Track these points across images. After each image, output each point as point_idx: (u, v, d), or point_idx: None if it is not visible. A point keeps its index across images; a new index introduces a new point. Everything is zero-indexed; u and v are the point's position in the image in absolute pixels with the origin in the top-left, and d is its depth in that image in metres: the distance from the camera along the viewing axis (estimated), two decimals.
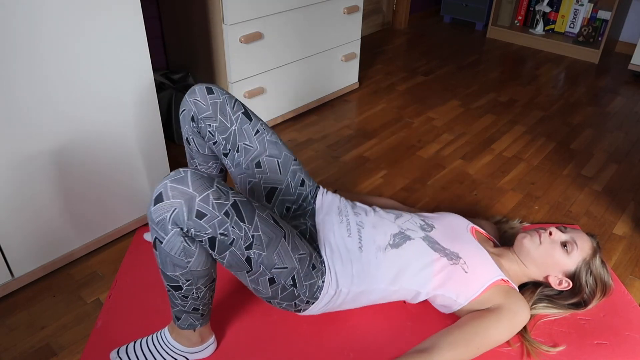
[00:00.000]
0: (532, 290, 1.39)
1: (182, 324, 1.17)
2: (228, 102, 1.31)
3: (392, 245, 1.28)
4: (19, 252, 1.40)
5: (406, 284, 1.27)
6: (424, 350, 1.17)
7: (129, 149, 1.53)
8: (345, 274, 1.23)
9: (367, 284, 1.25)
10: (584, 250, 1.32)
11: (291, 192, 1.37)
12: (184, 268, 1.04)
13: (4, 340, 1.30)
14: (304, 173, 1.40)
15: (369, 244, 1.28)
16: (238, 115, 1.31)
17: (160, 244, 1.01)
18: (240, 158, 1.33)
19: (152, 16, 2.20)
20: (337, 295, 1.23)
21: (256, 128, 1.33)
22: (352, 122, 2.41)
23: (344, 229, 1.30)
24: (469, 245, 1.33)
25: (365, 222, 1.33)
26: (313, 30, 2.27)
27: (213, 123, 1.30)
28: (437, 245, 1.31)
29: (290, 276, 1.14)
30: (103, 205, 1.54)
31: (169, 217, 0.97)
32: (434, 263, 1.27)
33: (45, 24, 1.22)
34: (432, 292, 1.28)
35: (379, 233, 1.30)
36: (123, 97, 1.45)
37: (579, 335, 1.34)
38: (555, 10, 3.45)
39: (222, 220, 1.00)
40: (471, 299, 1.26)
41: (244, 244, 1.04)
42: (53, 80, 1.29)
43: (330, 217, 1.34)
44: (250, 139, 1.32)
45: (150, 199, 1.00)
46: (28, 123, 1.28)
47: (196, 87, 1.30)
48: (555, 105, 2.65)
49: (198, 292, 1.10)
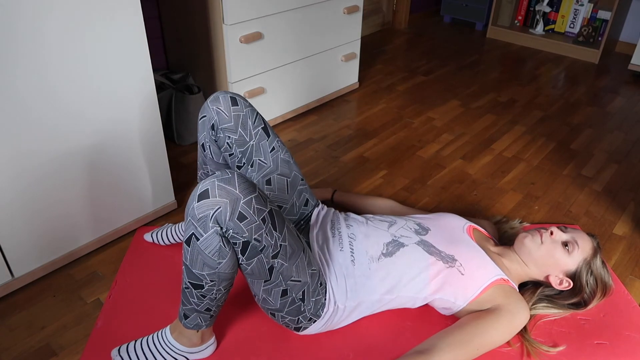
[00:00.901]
0: (532, 290, 1.39)
1: (188, 323, 1.16)
2: (250, 115, 1.31)
3: (385, 254, 1.28)
4: (19, 252, 1.40)
5: (403, 292, 1.27)
6: (423, 351, 1.17)
7: (129, 149, 1.53)
8: (340, 290, 1.24)
9: (362, 297, 1.25)
10: (584, 250, 1.32)
11: (294, 211, 1.39)
12: (214, 268, 1.05)
13: (4, 340, 1.30)
14: (308, 193, 1.42)
15: (362, 255, 1.28)
16: (258, 131, 1.32)
17: (196, 240, 1.02)
18: (253, 173, 1.34)
19: (152, 16, 2.20)
20: (335, 312, 1.24)
21: (272, 145, 1.34)
22: (352, 122, 2.41)
23: (337, 243, 1.31)
24: (465, 247, 1.33)
25: (357, 233, 1.33)
26: (313, 30, 2.27)
27: (233, 135, 1.31)
28: (432, 249, 1.31)
29: (302, 290, 1.16)
30: (103, 205, 1.54)
31: (211, 214, 0.98)
32: (430, 267, 1.27)
33: (46, 25, 1.22)
34: (429, 297, 1.28)
35: (372, 243, 1.30)
36: (123, 97, 1.45)
37: (579, 335, 1.34)
38: (555, 10, 3.45)
39: (259, 226, 1.01)
40: (470, 300, 1.26)
41: (272, 252, 1.06)
42: (54, 81, 1.29)
43: (322, 231, 1.35)
44: (265, 156, 1.33)
45: (193, 195, 1.01)
46: (28, 123, 1.28)
47: (220, 95, 1.30)
48: (555, 105, 2.65)
49: (217, 293, 1.11)
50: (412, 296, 1.28)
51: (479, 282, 1.27)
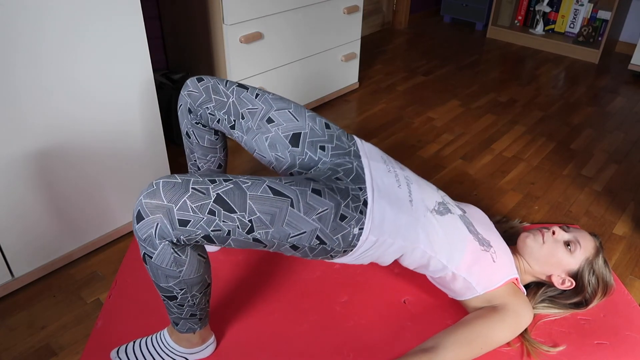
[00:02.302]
0: (534, 291, 1.39)
1: (181, 328, 1.16)
2: (219, 82, 1.28)
3: (437, 212, 1.24)
4: (19, 252, 1.40)
5: (440, 255, 1.21)
6: (427, 349, 1.16)
7: (129, 149, 1.53)
8: (394, 223, 1.14)
9: (411, 241, 1.18)
10: (587, 249, 1.32)
11: (318, 133, 1.27)
12: (177, 278, 1.03)
13: (4, 340, 1.30)
14: (323, 118, 1.31)
15: (419, 201, 1.21)
16: (233, 89, 1.28)
17: (150, 258, 1.00)
18: (249, 122, 1.26)
19: (152, 16, 2.20)
20: (380, 244, 1.15)
21: (255, 92, 1.28)
22: (352, 122, 2.41)
23: (393, 178, 1.21)
24: (498, 237, 1.33)
25: (412, 179, 1.26)
26: (313, 30, 2.27)
27: (210, 104, 1.28)
28: (471, 227, 1.29)
29: (314, 236, 1.07)
30: (103, 205, 1.54)
31: (154, 232, 0.96)
32: (468, 243, 1.25)
33: (46, 25, 1.22)
34: (456, 271, 1.24)
35: (427, 195, 1.25)
36: (123, 97, 1.45)
37: (579, 335, 1.34)
38: (555, 10, 3.45)
39: (208, 220, 0.97)
40: (489, 289, 1.25)
41: (243, 230, 1.01)
42: (53, 80, 1.29)
43: (376, 163, 1.23)
44: (252, 103, 1.27)
45: (133, 217, 0.98)
46: (28, 123, 1.28)
47: (188, 80, 1.30)
48: (555, 105, 2.65)
49: (193, 299, 1.09)
50: (444, 263, 1.22)
51: (503, 274, 1.26)
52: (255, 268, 1.52)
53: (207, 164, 1.41)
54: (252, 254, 1.57)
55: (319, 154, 1.26)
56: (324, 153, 1.26)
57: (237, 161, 2.08)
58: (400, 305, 1.42)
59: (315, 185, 1.09)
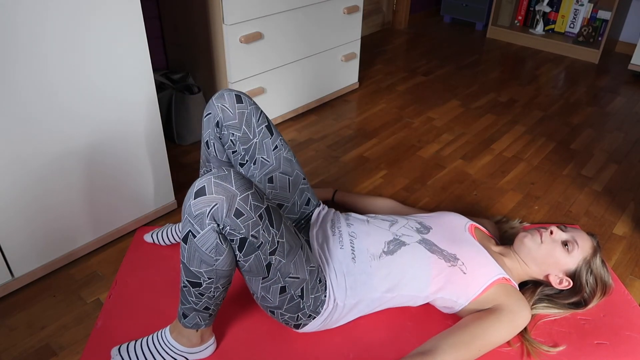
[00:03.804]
0: (532, 290, 1.39)
1: (187, 322, 1.16)
2: (254, 113, 1.32)
3: (386, 253, 1.28)
4: (19, 252, 1.40)
5: (404, 291, 1.27)
6: (425, 352, 1.16)
7: (129, 149, 1.53)
8: (339, 287, 1.24)
9: (362, 295, 1.25)
10: (584, 249, 1.32)
11: (295, 210, 1.40)
12: (211, 265, 1.05)
13: (4, 340, 1.30)
14: (310, 193, 1.42)
15: (362, 253, 1.27)
16: (262, 129, 1.33)
17: (193, 237, 1.02)
18: (256, 171, 1.34)
19: (152, 16, 2.20)
20: (334, 309, 1.24)
21: (275, 143, 1.35)
22: (352, 122, 2.41)
23: (337, 241, 1.31)
24: (467, 246, 1.33)
25: (358, 231, 1.33)
26: (313, 30, 2.27)
27: (237, 132, 1.31)
28: (434, 247, 1.31)
29: (300, 287, 1.16)
30: (103, 205, 1.54)
31: (208, 211, 0.98)
32: (432, 266, 1.27)
33: (46, 25, 1.22)
34: (431, 296, 1.28)
35: (373, 242, 1.30)
36: (123, 97, 1.45)
37: (579, 335, 1.34)
38: (555, 10, 3.45)
39: (256, 222, 1.01)
40: (471, 299, 1.26)
41: (270, 249, 1.06)
42: (54, 81, 1.29)
43: (322, 230, 1.35)
44: (268, 154, 1.34)
45: (190, 192, 1.01)
46: (28, 123, 1.28)
47: (225, 92, 1.31)
48: (555, 105, 2.65)
49: (216, 291, 1.11)
50: (413, 295, 1.28)
51: (480, 281, 1.27)
52: None
53: None
54: None
55: None
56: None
57: None
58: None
59: None
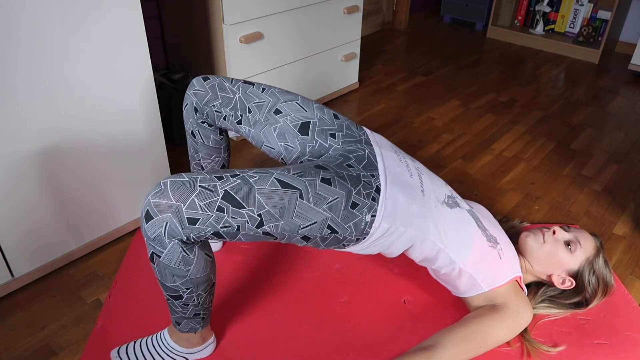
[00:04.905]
0: (534, 290, 1.39)
1: (182, 328, 1.16)
2: (225, 80, 1.29)
3: (447, 204, 1.23)
4: (19, 252, 1.40)
5: (449, 248, 1.21)
6: (427, 347, 1.16)
7: (129, 149, 1.53)
8: (407, 211, 1.14)
9: (422, 231, 1.17)
10: (587, 249, 1.32)
11: (327, 122, 1.26)
12: (184, 277, 1.04)
13: (4, 340, 1.30)
14: (332, 110, 1.30)
15: (430, 192, 1.20)
16: (239, 85, 1.28)
17: (158, 258, 1.00)
18: (256, 115, 1.26)
19: (152, 16, 2.20)
20: (392, 232, 1.14)
21: (261, 87, 1.28)
22: None
23: (404, 168, 1.21)
24: (504, 235, 1.33)
25: (422, 170, 1.26)
26: (313, 30, 2.27)
27: (216, 102, 1.28)
28: (480, 223, 1.29)
29: (325, 226, 1.06)
30: (103, 205, 1.54)
31: (163, 232, 0.96)
32: (476, 239, 1.24)
33: (46, 25, 1.22)
34: (463, 267, 1.23)
35: (437, 186, 1.24)
36: (123, 97, 1.45)
37: (579, 335, 1.34)
38: (555, 10, 3.45)
39: (217, 217, 0.98)
40: (493, 286, 1.25)
41: (253, 225, 1.01)
42: (53, 80, 1.29)
43: (387, 152, 1.23)
44: (259, 97, 1.26)
45: (141, 217, 0.99)
46: (28, 123, 1.28)
47: (193, 80, 1.30)
48: (555, 105, 2.65)
49: (199, 298, 1.10)
50: (452, 258, 1.22)
51: (508, 272, 1.26)
52: (256, 268, 1.52)
53: (211, 163, 1.41)
54: (252, 254, 1.57)
55: (329, 141, 1.25)
56: (334, 140, 1.25)
57: (237, 161, 2.08)
58: (400, 305, 1.42)
59: (325, 174, 1.08)
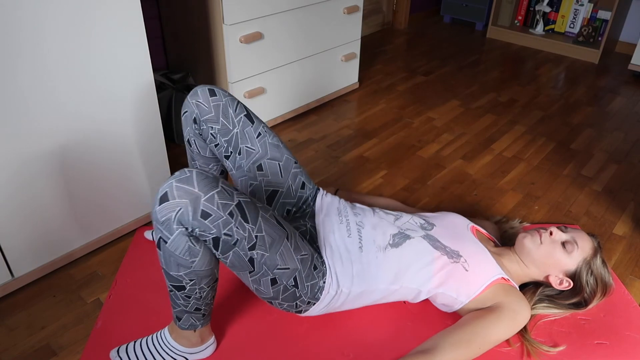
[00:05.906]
0: (533, 290, 1.39)
1: (183, 324, 1.17)
2: (230, 104, 1.31)
3: (392, 245, 1.28)
4: (19, 252, 1.40)
5: (407, 283, 1.27)
6: (425, 350, 1.17)
7: (129, 149, 1.53)
8: (346, 275, 1.23)
9: (367, 284, 1.25)
10: (584, 250, 1.32)
11: (292, 194, 1.38)
12: (188, 268, 1.04)
13: (4, 340, 1.30)
14: (304, 176, 1.40)
15: (369, 244, 1.28)
16: (240, 118, 1.31)
17: (164, 243, 1.01)
18: (242, 160, 1.33)
19: (152, 16, 2.20)
20: (338, 295, 1.23)
21: (258, 131, 1.33)
22: (352, 122, 2.41)
23: (344, 229, 1.30)
24: (469, 244, 1.33)
25: (365, 222, 1.33)
26: (313, 30, 2.27)
27: (215, 125, 1.30)
28: (437, 243, 1.31)
29: (292, 277, 1.15)
30: (103, 205, 1.54)
31: (174, 216, 0.97)
32: (435, 261, 1.28)
33: (46, 25, 1.22)
34: (433, 290, 1.28)
35: (379, 233, 1.30)
36: (123, 97, 1.45)
37: (579, 335, 1.34)
38: (555, 10, 3.45)
39: (226, 221, 1.00)
40: (472, 297, 1.26)
41: (248, 245, 1.04)
42: (53, 81, 1.29)
43: (329, 218, 1.34)
44: (252, 142, 1.32)
45: (155, 199, 1.00)
46: (28, 123, 1.28)
47: (198, 88, 1.30)
48: (555, 105, 2.65)
49: (201, 292, 1.10)
50: (415, 288, 1.27)
51: (482, 279, 1.27)
52: None
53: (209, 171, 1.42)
54: None
55: (284, 216, 1.39)
56: (286, 216, 1.39)
57: None
58: (400, 305, 1.42)
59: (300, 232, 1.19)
